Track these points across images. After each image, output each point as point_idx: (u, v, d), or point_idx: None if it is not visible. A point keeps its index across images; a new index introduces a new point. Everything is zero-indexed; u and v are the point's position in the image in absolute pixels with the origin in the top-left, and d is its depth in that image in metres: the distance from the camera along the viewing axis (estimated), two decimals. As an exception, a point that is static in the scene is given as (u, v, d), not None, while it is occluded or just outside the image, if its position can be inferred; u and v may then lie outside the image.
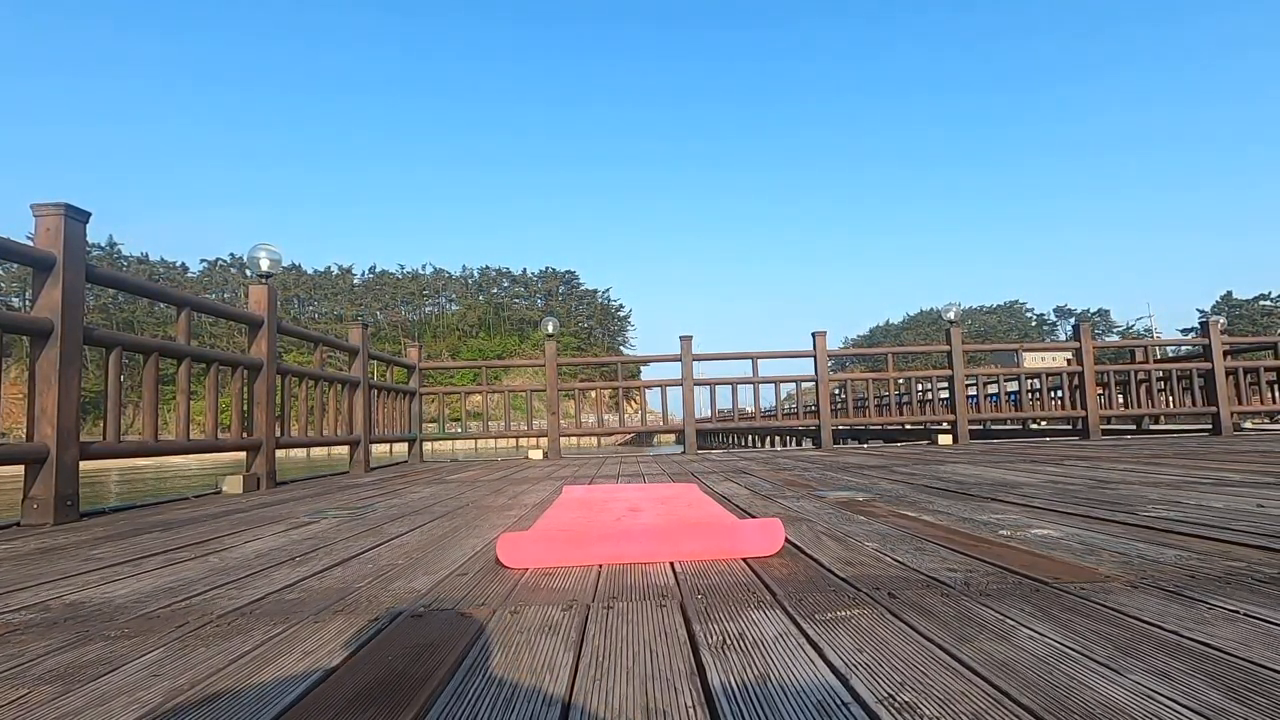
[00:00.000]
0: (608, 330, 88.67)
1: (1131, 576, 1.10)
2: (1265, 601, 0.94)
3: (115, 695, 0.75)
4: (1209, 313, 71.83)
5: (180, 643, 0.93)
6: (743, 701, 0.67)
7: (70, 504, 2.48)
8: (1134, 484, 2.44)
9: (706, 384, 6.72)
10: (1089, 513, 1.79)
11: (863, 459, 4.57)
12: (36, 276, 2.51)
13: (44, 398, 2.45)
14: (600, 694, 0.70)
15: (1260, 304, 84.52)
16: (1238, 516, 1.64)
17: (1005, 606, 0.96)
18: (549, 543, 1.40)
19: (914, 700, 0.65)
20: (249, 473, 3.74)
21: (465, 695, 0.71)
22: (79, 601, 1.20)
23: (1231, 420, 6.87)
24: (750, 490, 2.74)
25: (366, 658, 0.84)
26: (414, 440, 6.43)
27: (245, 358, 3.84)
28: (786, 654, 0.80)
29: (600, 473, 4.13)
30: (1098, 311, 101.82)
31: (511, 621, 0.98)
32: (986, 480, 2.78)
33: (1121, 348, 10.23)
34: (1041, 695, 0.65)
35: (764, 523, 1.45)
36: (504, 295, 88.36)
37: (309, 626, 0.99)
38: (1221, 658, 0.74)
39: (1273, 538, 1.36)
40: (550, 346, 6.75)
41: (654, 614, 0.99)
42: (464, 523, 2.07)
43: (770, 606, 1.01)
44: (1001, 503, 2.07)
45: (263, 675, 0.79)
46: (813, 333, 6.73)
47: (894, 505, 2.10)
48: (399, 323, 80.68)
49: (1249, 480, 2.42)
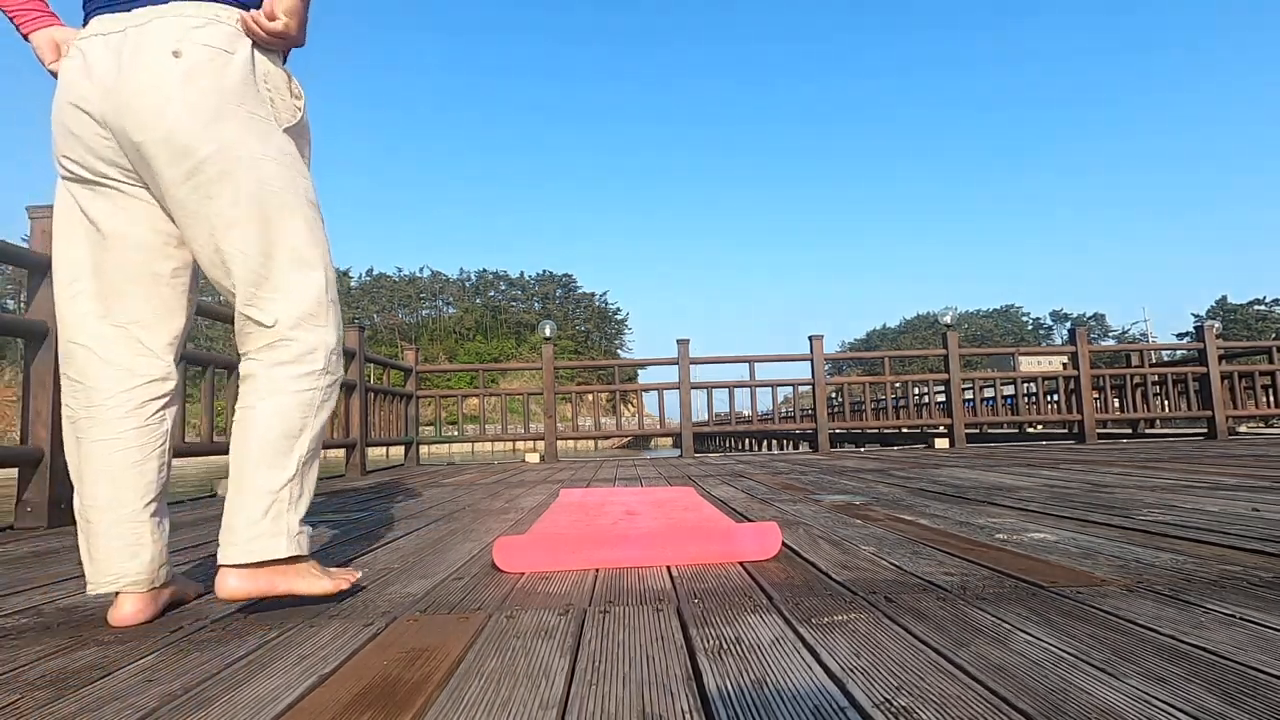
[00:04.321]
0: (605, 333, 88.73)
1: (1128, 580, 1.10)
2: (1261, 605, 0.94)
3: (109, 701, 0.74)
4: (1204, 317, 72.10)
5: (175, 647, 0.93)
6: (739, 706, 0.67)
7: (64, 507, 2.46)
8: (1130, 488, 2.44)
9: (703, 387, 6.72)
10: (1085, 516, 1.80)
11: (859, 463, 4.57)
12: (32, 279, 2.50)
13: (38, 400, 2.44)
14: (596, 698, 0.70)
15: (1255, 309, 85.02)
16: (1233, 520, 1.64)
17: (1001, 610, 0.96)
18: (545, 547, 1.39)
19: (910, 705, 0.65)
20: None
21: (461, 700, 0.71)
22: (73, 606, 1.20)
23: (1227, 424, 6.90)
24: (747, 494, 2.74)
25: (362, 662, 0.84)
26: (410, 444, 6.41)
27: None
28: (783, 658, 0.80)
29: (597, 476, 4.13)
30: (1093, 316, 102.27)
31: (508, 626, 0.98)
32: (983, 484, 2.78)
33: (1117, 352, 10.28)
34: (1038, 699, 0.65)
35: (761, 526, 1.45)
36: (501, 298, 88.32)
37: (304, 631, 0.98)
38: (1218, 662, 0.74)
39: (1268, 541, 1.37)
40: (547, 349, 6.75)
41: (650, 618, 0.99)
42: (460, 526, 2.07)
43: (767, 611, 1.01)
44: (998, 506, 2.07)
45: (258, 680, 0.79)
46: (809, 336, 6.73)
47: (891, 509, 2.10)
48: (396, 326, 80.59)
49: (1244, 484, 2.43)
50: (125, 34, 1.04)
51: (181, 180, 1.04)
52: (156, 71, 1.02)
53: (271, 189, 1.09)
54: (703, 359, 6.67)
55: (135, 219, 1.09)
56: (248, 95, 1.08)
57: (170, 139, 1.02)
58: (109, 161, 1.06)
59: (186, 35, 1.04)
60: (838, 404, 9.00)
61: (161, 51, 1.02)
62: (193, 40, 1.04)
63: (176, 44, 1.03)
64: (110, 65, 1.03)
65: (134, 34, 1.03)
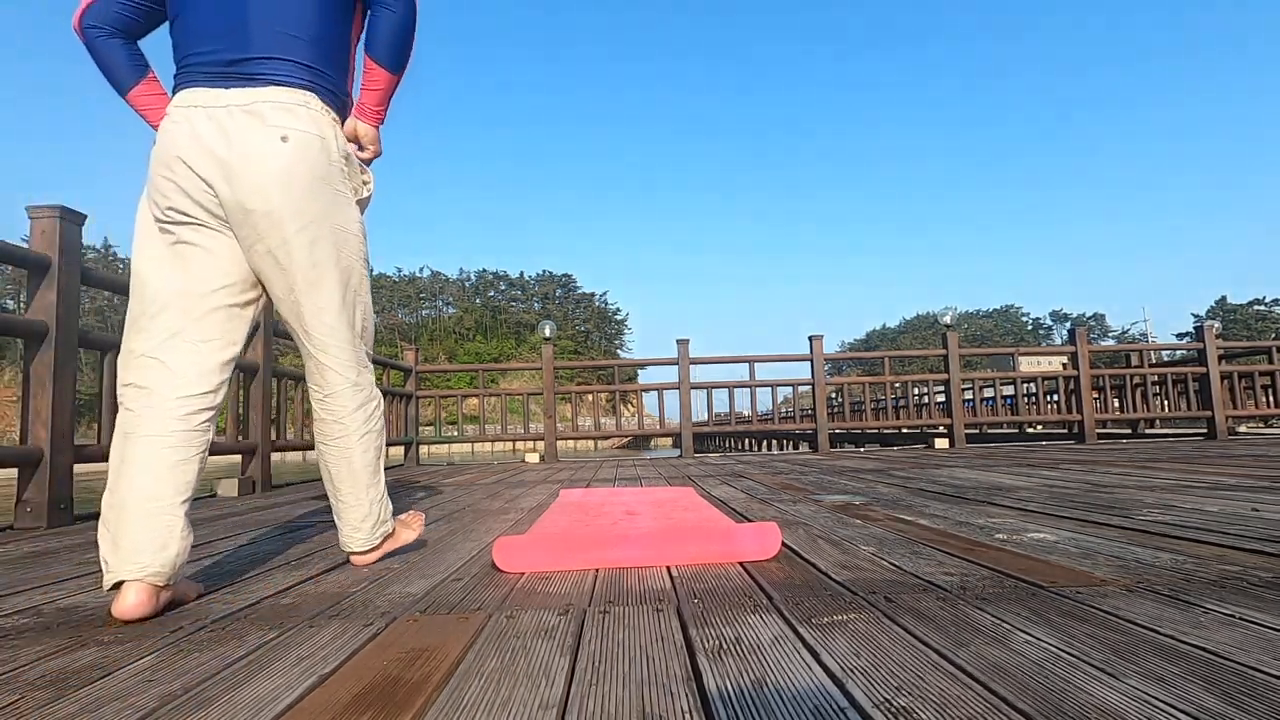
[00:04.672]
0: (605, 334, 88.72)
1: (1127, 580, 1.11)
2: (1261, 605, 0.94)
3: (108, 701, 0.74)
4: (1204, 317, 72.17)
5: (174, 648, 0.93)
6: (739, 706, 0.67)
7: (64, 507, 2.47)
8: (1130, 488, 2.44)
9: (703, 388, 6.72)
10: (1085, 517, 1.80)
11: (859, 463, 4.57)
12: (32, 279, 2.50)
13: (38, 400, 2.44)
14: (596, 698, 0.70)
15: (1254, 309, 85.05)
16: (1233, 520, 1.64)
17: (1001, 610, 0.96)
18: (545, 547, 1.39)
19: (910, 705, 0.65)
20: (244, 476, 3.73)
21: (461, 700, 0.71)
22: (72, 606, 1.20)
23: (1226, 424, 6.90)
24: (747, 494, 2.74)
25: (361, 662, 0.84)
26: (410, 444, 6.41)
27: (241, 361, 3.83)
28: (783, 658, 0.80)
29: (597, 476, 4.13)
30: (1093, 316, 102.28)
31: (507, 626, 0.98)
32: (982, 484, 2.79)
33: (1117, 352, 10.28)
34: (1038, 699, 0.65)
35: (761, 527, 1.45)
36: (501, 299, 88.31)
37: (304, 631, 0.98)
38: (1218, 662, 0.74)
39: (1268, 541, 1.37)
40: (547, 350, 6.74)
41: (650, 618, 0.99)
42: (460, 526, 2.07)
43: (767, 611, 1.01)
44: (997, 506, 2.07)
45: (257, 680, 0.79)
46: (809, 336, 6.73)
47: (890, 509, 2.10)
48: (395, 326, 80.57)
49: (1244, 484, 2.43)
50: (229, 111, 1.20)
51: (277, 244, 1.23)
52: (267, 152, 1.20)
53: (348, 260, 1.33)
54: (703, 359, 6.67)
55: (220, 260, 1.25)
56: (334, 175, 1.29)
57: (275, 211, 1.21)
58: (208, 212, 1.21)
59: (289, 121, 1.22)
60: (837, 404, 9.01)
61: (271, 134, 1.20)
62: (295, 126, 1.22)
63: (282, 129, 1.21)
64: (217, 137, 1.19)
65: (239, 113, 1.20)
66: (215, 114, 1.19)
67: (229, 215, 1.21)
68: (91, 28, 1.27)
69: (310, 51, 1.27)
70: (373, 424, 1.42)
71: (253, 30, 1.23)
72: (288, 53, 1.24)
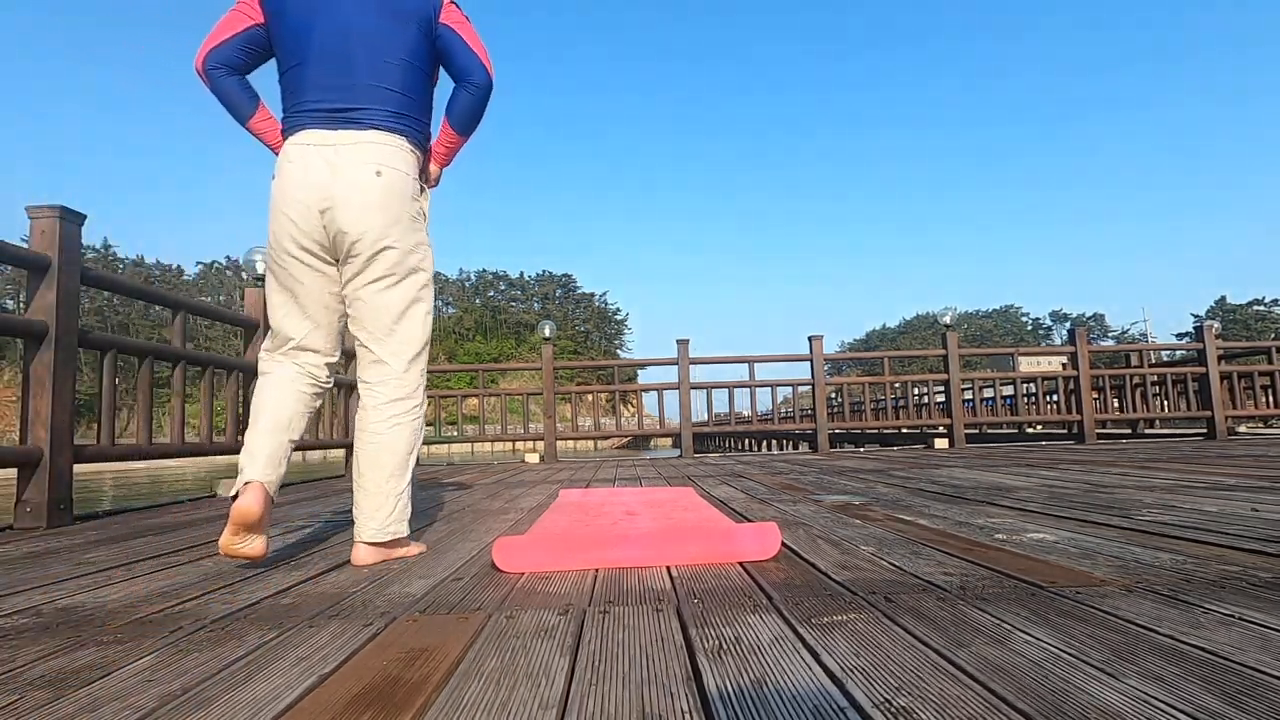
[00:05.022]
0: (605, 334, 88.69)
1: (1127, 580, 1.11)
2: (1261, 605, 0.94)
3: (108, 701, 0.74)
4: (1203, 317, 72.22)
5: (174, 648, 0.93)
6: (739, 706, 0.67)
7: (63, 508, 2.46)
8: (1129, 488, 2.44)
9: (703, 388, 6.73)
10: (1084, 517, 1.80)
11: (859, 463, 4.58)
12: (31, 279, 2.49)
13: (37, 400, 2.44)
14: (596, 698, 0.70)
15: (1254, 309, 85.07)
16: (1233, 520, 1.64)
17: (1001, 610, 0.96)
18: (545, 547, 1.39)
19: (910, 705, 0.65)
20: (244, 476, 3.72)
21: (460, 700, 0.71)
22: (72, 606, 1.20)
23: (1226, 424, 6.90)
24: (747, 494, 2.74)
25: (361, 663, 0.84)
26: (410, 444, 6.40)
27: (241, 361, 3.83)
28: (783, 658, 0.80)
29: (597, 476, 4.13)
30: (1093, 316, 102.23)
31: (507, 626, 0.98)
32: (982, 484, 2.79)
33: (1117, 352, 10.29)
34: (1037, 699, 0.66)
35: (760, 527, 1.45)
36: (501, 299, 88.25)
37: (303, 631, 0.98)
38: (1217, 662, 0.74)
39: (1267, 541, 1.37)
40: (547, 350, 6.74)
41: (650, 618, 0.99)
42: (460, 526, 2.07)
43: (766, 611, 1.01)
44: (997, 507, 2.07)
45: (257, 681, 0.79)
46: (809, 336, 6.74)
47: (890, 509, 2.10)
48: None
49: (1244, 484, 2.43)
50: (336, 149, 1.44)
51: (365, 261, 1.48)
52: (365, 185, 1.45)
53: (419, 281, 1.57)
54: (702, 359, 6.67)
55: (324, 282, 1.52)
56: (412, 206, 1.54)
57: (368, 233, 1.45)
58: (316, 243, 1.47)
59: (384, 160, 1.47)
60: (837, 404, 9.01)
61: (369, 170, 1.45)
62: (387, 164, 1.47)
63: (378, 166, 1.46)
64: (325, 172, 1.44)
65: (345, 150, 1.45)
66: (325, 152, 1.44)
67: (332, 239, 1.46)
68: (215, 68, 1.49)
69: (402, 102, 1.51)
70: (406, 419, 1.54)
71: (359, 86, 1.47)
72: (384, 104, 1.49)
